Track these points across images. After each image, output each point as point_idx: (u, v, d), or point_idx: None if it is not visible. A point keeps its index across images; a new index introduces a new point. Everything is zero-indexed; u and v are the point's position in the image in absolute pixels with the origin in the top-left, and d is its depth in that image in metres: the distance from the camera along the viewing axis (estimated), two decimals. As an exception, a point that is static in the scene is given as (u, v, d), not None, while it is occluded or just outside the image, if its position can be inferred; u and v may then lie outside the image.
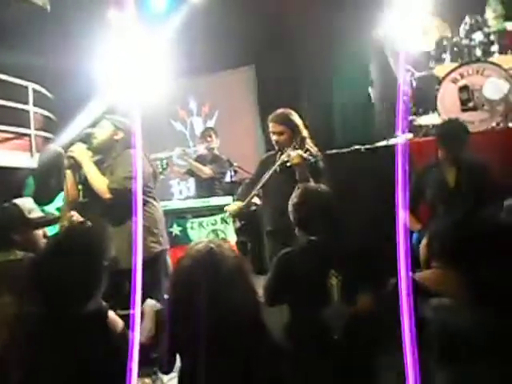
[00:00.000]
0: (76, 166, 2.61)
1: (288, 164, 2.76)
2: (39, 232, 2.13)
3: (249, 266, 1.57)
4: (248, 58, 5.88)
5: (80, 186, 2.63)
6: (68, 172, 2.63)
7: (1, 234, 1.97)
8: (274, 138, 2.97)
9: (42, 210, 2.28)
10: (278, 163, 2.84)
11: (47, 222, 2.21)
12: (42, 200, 2.94)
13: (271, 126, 2.97)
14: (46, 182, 3.24)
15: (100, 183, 2.53)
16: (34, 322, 1.47)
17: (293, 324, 1.71)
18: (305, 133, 2.92)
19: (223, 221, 4.13)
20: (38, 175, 3.42)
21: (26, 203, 2.15)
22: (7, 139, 6.02)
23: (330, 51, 4.79)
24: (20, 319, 1.51)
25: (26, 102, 5.98)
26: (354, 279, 1.71)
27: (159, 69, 5.78)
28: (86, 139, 2.63)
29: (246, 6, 5.13)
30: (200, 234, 4.11)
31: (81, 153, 2.58)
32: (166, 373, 1.68)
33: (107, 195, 2.51)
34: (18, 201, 2.14)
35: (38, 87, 6.08)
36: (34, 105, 6.08)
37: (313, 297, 1.68)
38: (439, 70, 4.08)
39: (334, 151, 3.81)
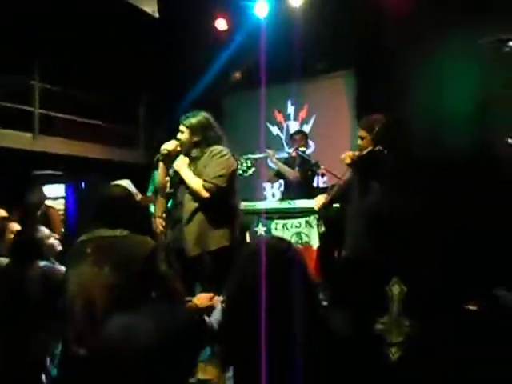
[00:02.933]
0: (167, 160, 2.83)
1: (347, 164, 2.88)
2: (141, 213, 2.31)
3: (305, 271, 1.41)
4: (346, 61, 5.78)
5: (168, 178, 2.85)
6: (161, 164, 2.87)
7: (111, 213, 2.10)
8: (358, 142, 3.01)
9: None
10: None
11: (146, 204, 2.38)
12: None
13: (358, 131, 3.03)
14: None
15: (196, 184, 2.69)
16: None
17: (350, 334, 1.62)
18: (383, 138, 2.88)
19: (308, 224, 4.10)
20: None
21: (132, 186, 2.27)
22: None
23: (437, 54, 4.49)
24: None
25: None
26: (423, 290, 1.58)
27: (259, 72, 5.95)
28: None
29: (344, 10, 5.06)
30: (284, 235, 4.10)
31: (179, 160, 2.81)
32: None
33: (204, 194, 2.66)
34: (125, 183, 2.24)
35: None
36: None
37: (371, 306, 1.59)
38: None
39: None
